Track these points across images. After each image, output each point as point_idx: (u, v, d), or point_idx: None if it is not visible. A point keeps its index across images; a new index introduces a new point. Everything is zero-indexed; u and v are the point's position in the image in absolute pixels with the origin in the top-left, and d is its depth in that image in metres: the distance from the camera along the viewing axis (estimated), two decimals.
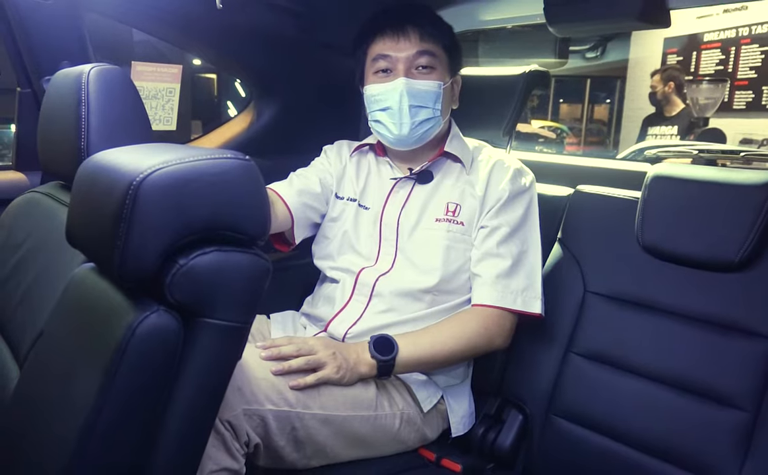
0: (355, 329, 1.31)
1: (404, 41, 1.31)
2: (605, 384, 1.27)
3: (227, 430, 1.01)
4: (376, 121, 1.36)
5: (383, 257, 1.36)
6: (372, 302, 1.32)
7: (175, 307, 0.75)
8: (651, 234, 1.28)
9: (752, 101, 5.80)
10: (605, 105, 10.21)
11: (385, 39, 1.33)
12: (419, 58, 1.32)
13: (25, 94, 1.53)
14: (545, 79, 1.63)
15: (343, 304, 1.35)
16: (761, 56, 5.73)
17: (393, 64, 1.32)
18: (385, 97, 1.32)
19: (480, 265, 1.31)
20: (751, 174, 1.23)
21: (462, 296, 1.34)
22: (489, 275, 1.29)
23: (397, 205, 1.38)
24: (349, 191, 1.45)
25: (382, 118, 1.33)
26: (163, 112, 1.71)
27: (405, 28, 1.32)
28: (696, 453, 1.14)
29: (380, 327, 1.29)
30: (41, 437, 0.82)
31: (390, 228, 1.36)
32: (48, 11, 1.41)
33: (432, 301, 1.32)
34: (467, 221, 1.34)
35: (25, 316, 1.06)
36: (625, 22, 1.35)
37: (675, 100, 4.16)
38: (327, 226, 1.45)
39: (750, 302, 1.17)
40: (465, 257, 1.33)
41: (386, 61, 1.32)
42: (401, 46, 1.31)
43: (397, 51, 1.31)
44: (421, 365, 1.26)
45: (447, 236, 1.32)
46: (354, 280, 1.35)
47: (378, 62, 1.33)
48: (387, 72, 1.33)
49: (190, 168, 0.74)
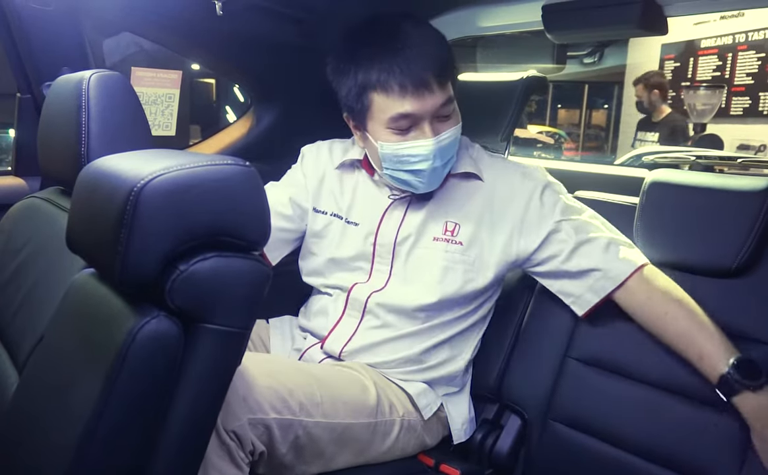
0: (351, 346, 1.30)
1: (429, 96, 1.16)
2: (603, 389, 1.28)
3: (232, 440, 1.00)
4: (399, 179, 1.24)
5: (376, 275, 1.31)
6: (365, 317, 1.30)
7: (175, 312, 0.75)
8: (648, 240, 1.29)
9: (749, 107, 5.83)
10: (603, 110, 10.25)
11: (407, 96, 1.15)
12: (442, 108, 1.19)
13: (25, 100, 1.54)
14: (543, 84, 1.63)
15: (336, 319, 1.32)
16: (758, 62, 5.76)
17: (416, 120, 1.18)
18: (414, 160, 1.19)
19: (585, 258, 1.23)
20: (748, 180, 1.24)
21: (459, 311, 1.30)
22: (603, 253, 1.22)
23: (393, 224, 1.31)
24: (330, 206, 1.36)
25: (408, 178, 1.22)
26: (163, 118, 1.71)
27: (427, 80, 1.15)
28: (694, 458, 1.15)
29: (375, 343, 1.28)
30: (41, 442, 0.82)
31: (386, 248, 1.30)
32: (48, 17, 1.42)
33: (427, 317, 1.28)
34: (467, 241, 1.27)
35: (24, 321, 1.06)
36: (623, 29, 1.35)
37: (661, 107, 4.28)
38: (311, 241, 1.38)
39: (747, 309, 1.17)
40: (464, 279, 1.27)
41: (409, 120, 1.18)
42: (426, 103, 1.16)
43: (422, 109, 1.16)
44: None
45: (445, 256, 1.27)
46: (346, 296, 1.31)
47: (399, 122, 1.18)
48: (408, 129, 1.19)
49: (191, 174, 0.74)
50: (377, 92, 1.17)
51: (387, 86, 1.16)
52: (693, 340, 1.14)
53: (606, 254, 1.23)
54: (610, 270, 1.23)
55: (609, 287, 1.23)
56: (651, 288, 1.20)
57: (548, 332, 1.36)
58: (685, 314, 1.16)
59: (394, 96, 1.16)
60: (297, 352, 1.37)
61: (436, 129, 1.19)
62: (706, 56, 6.30)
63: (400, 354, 1.29)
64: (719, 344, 1.12)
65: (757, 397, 1.07)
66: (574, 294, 1.27)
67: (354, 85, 1.20)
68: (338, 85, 1.24)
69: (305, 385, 1.14)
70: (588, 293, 1.25)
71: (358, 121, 1.25)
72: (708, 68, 6.29)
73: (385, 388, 1.27)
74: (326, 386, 1.17)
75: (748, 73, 5.89)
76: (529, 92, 1.62)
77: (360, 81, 1.19)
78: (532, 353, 1.38)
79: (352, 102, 1.22)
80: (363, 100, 1.20)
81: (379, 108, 1.18)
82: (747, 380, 1.07)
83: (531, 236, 1.26)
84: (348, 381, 1.23)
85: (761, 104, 5.73)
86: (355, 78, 1.19)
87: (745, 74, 5.91)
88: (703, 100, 4.06)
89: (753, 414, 1.07)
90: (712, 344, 1.12)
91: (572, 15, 1.33)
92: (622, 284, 1.22)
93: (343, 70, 1.22)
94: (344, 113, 1.28)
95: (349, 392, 1.20)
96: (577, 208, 1.29)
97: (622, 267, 1.22)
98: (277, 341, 1.40)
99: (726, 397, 1.10)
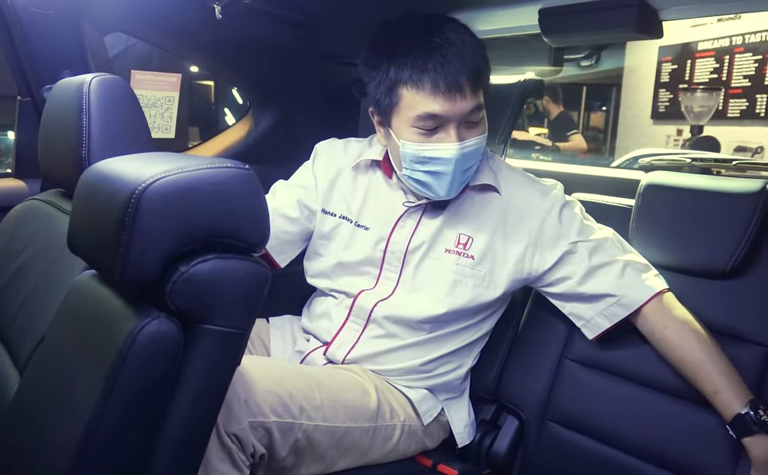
0: (354, 353, 1.30)
1: (460, 99, 1.14)
2: (600, 390, 1.29)
3: (234, 443, 1.01)
4: (417, 181, 1.21)
5: (383, 282, 1.29)
6: (369, 326, 1.29)
7: (175, 313, 0.76)
8: (644, 241, 1.30)
9: (746, 109, 5.84)
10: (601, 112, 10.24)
11: (438, 96, 1.13)
12: (471, 114, 1.16)
13: (25, 103, 1.54)
14: (540, 88, 1.65)
15: (339, 325, 1.32)
16: (755, 65, 5.78)
17: (443, 123, 1.16)
18: (436, 163, 1.17)
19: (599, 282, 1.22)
20: (743, 183, 1.25)
21: (464, 323, 1.30)
22: (618, 278, 1.20)
23: (406, 232, 1.28)
24: (341, 208, 1.34)
25: (427, 180, 1.20)
26: (162, 121, 1.72)
27: (461, 83, 1.13)
28: (689, 458, 1.16)
29: (378, 353, 1.28)
30: (42, 443, 0.83)
31: (396, 256, 1.28)
32: (49, 21, 1.43)
33: (432, 328, 1.27)
34: (479, 255, 1.24)
35: (25, 323, 1.06)
36: (619, 33, 1.36)
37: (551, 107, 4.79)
38: (318, 243, 1.37)
39: (740, 310, 1.19)
40: (474, 293, 1.25)
41: (436, 121, 1.15)
42: (456, 106, 1.14)
43: (452, 111, 1.14)
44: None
45: (455, 269, 1.25)
46: (351, 302, 1.30)
47: (426, 121, 1.15)
48: (435, 130, 1.16)
49: (192, 177, 0.75)
50: (408, 88, 1.15)
51: (419, 83, 1.14)
52: (709, 375, 1.13)
53: (621, 279, 1.20)
54: (624, 296, 1.20)
55: (621, 314, 1.21)
56: (667, 317, 1.18)
57: (545, 333, 1.36)
58: (702, 347, 1.14)
59: (424, 93, 1.14)
60: (299, 354, 1.37)
61: (461, 135, 1.16)
62: (704, 59, 6.32)
63: (403, 364, 1.29)
64: (735, 383, 1.11)
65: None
66: (585, 317, 1.26)
67: (385, 78, 1.18)
68: (369, 78, 1.22)
69: (306, 388, 1.14)
70: (599, 317, 1.24)
71: (384, 116, 1.22)
72: (705, 71, 6.30)
73: (386, 392, 1.27)
74: (327, 390, 1.17)
75: (745, 76, 5.90)
76: (526, 95, 1.63)
77: (392, 75, 1.17)
78: (530, 354, 1.39)
79: (381, 96, 1.20)
80: (392, 95, 1.17)
81: (407, 104, 1.16)
82: (766, 423, 1.07)
83: (546, 255, 1.24)
84: (349, 385, 1.23)
85: (758, 106, 5.75)
86: (387, 72, 1.17)
87: (742, 76, 5.93)
88: (701, 102, 4.08)
89: (764, 457, 1.07)
90: (728, 381, 1.11)
91: (569, 19, 1.34)
92: (636, 311, 1.21)
93: (376, 63, 1.20)
94: (370, 108, 1.27)
95: (350, 395, 1.21)
96: (594, 228, 1.26)
97: (636, 295, 1.20)
98: (278, 341, 1.41)
99: (738, 436, 1.09)
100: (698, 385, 1.15)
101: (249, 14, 1.50)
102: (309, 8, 1.55)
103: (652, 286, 1.20)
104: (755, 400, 1.09)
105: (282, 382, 1.12)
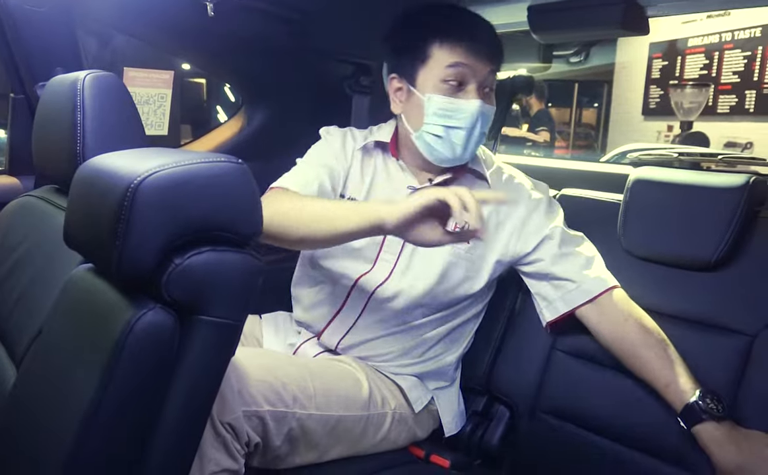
0: (347, 340, 1.32)
1: (483, 56, 1.22)
2: (590, 381, 1.30)
3: (228, 432, 1.02)
4: (434, 135, 1.24)
5: (381, 264, 1.31)
6: (365, 311, 1.31)
7: (170, 305, 0.77)
8: (632, 235, 1.32)
9: (735, 105, 5.90)
10: (593, 109, 10.29)
11: (464, 47, 1.21)
12: (489, 77, 1.25)
13: (18, 100, 1.54)
14: (530, 84, 1.67)
15: (335, 310, 1.33)
16: (744, 61, 5.83)
17: (467, 79, 1.23)
18: (458, 116, 1.22)
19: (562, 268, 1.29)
20: (728, 177, 1.27)
21: (455, 307, 1.33)
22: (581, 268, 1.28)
23: None
24: (352, 191, 1.35)
25: (445, 134, 1.24)
26: (155, 118, 1.72)
27: (486, 44, 1.24)
28: (680, 448, 1.17)
29: (372, 338, 1.31)
30: (39, 435, 0.84)
31: (396, 240, 1.28)
32: (41, 18, 1.42)
33: (424, 312, 1.31)
34: (473, 240, 1.29)
35: (21, 317, 1.07)
36: (606, 30, 1.39)
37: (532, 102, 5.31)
38: None
39: (725, 300, 1.21)
40: (465, 276, 1.30)
41: (463, 72, 1.22)
42: (480, 61, 1.22)
43: (476, 64, 1.22)
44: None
45: (451, 251, 1.28)
46: (350, 287, 1.32)
47: (456, 69, 1.21)
48: (460, 86, 1.23)
49: (186, 171, 0.76)
50: (439, 42, 1.22)
51: (450, 33, 1.22)
52: (661, 369, 1.17)
53: (584, 269, 1.29)
54: (583, 283, 1.28)
55: (579, 300, 1.28)
56: (623, 311, 1.24)
57: (536, 324, 1.38)
58: (654, 342, 1.19)
59: (454, 43, 1.21)
60: (291, 347, 1.39)
61: (482, 97, 1.23)
62: (694, 55, 6.37)
63: (395, 347, 1.31)
64: (686, 375, 1.15)
65: (719, 427, 1.09)
66: (548, 299, 1.32)
67: (417, 36, 1.25)
68: (396, 41, 1.30)
69: (299, 378, 1.16)
70: (559, 301, 1.30)
71: (409, 74, 1.26)
72: (695, 67, 6.35)
73: (378, 381, 1.29)
74: (319, 380, 1.19)
75: (734, 72, 5.95)
76: (516, 92, 1.65)
77: (423, 32, 1.24)
78: (521, 345, 1.41)
79: (409, 54, 1.26)
80: (423, 51, 1.24)
81: (437, 60, 1.23)
82: (713, 411, 1.10)
83: (528, 241, 1.32)
84: (341, 375, 1.26)
85: (747, 102, 5.80)
86: (418, 30, 1.25)
87: (731, 73, 5.98)
88: (690, 98, 4.11)
89: (714, 442, 1.09)
90: (679, 373, 1.15)
91: (557, 15, 1.36)
92: (592, 299, 1.26)
93: (406, 23, 1.29)
94: (391, 75, 1.31)
95: (342, 385, 1.23)
96: (572, 231, 1.34)
97: (595, 284, 1.27)
98: (270, 336, 1.42)
99: (688, 425, 1.12)
100: (650, 379, 1.19)
101: (241, 11, 1.51)
102: (301, 5, 1.57)
103: (609, 281, 1.28)
104: (703, 390, 1.12)
105: (275, 372, 1.13)
